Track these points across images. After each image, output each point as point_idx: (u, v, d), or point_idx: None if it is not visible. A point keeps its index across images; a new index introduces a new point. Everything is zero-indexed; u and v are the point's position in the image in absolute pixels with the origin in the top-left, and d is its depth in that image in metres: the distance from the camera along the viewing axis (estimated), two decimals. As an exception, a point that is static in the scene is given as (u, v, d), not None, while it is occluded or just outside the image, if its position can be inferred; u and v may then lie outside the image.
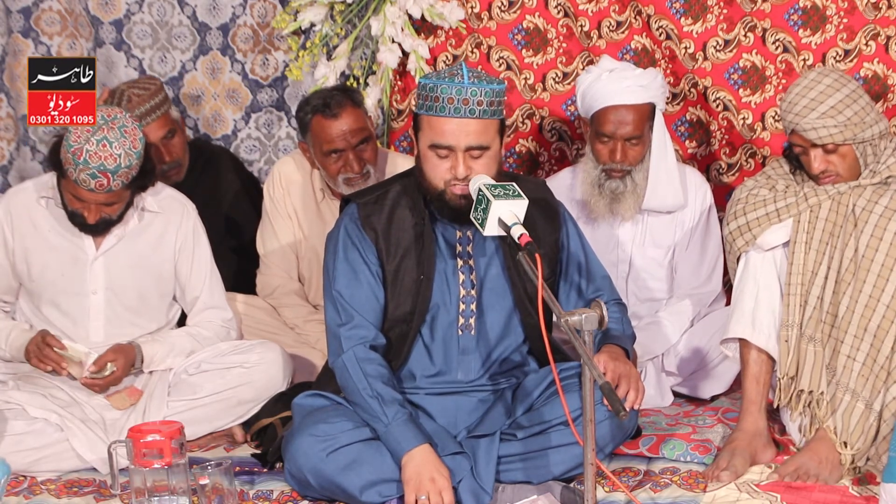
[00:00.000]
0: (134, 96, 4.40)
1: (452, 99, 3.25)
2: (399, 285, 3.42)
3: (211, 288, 4.00)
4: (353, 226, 3.45)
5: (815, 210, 3.52)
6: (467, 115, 3.25)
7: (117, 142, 3.62)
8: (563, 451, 3.33)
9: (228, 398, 3.84)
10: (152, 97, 4.45)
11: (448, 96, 3.25)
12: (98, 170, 3.61)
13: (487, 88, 3.26)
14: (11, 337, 3.84)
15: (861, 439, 3.39)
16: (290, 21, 4.74)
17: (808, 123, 3.46)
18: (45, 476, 3.64)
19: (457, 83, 3.25)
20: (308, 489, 3.35)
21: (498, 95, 3.29)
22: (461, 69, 3.28)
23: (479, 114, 3.26)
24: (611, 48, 4.62)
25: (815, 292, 3.50)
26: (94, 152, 3.60)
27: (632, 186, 4.14)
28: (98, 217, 3.74)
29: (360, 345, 3.37)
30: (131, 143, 3.64)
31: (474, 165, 3.28)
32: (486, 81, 3.28)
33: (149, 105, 4.43)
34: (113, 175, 3.63)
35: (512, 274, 3.45)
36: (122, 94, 4.43)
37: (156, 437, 3.24)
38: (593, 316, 2.91)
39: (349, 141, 4.17)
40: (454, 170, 3.28)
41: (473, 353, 3.48)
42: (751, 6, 4.49)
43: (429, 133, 3.30)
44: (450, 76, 3.27)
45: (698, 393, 4.19)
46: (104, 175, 3.62)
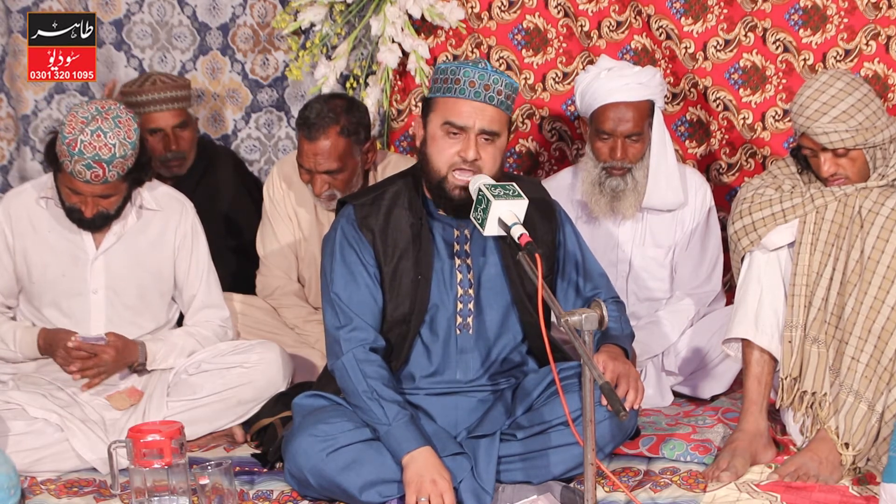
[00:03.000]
0: (160, 81, 4.54)
1: (474, 83, 3.30)
2: (397, 286, 3.42)
3: (208, 286, 4.00)
4: (349, 227, 3.45)
5: (821, 211, 3.51)
6: (486, 101, 3.30)
7: (111, 132, 3.63)
8: (562, 451, 3.32)
9: (228, 398, 3.84)
10: (177, 89, 4.56)
11: (470, 79, 3.30)
12: (93, 160, 3.61)
13: (507, 81, 3.35)
14: (18, 336, 3.84)
15: (862, 441, 3.39)
16: (290, 21, 4.75)
17: (820, 127, 3.46)
18: (45, 476, 3.64)
19: (480, 69, 3.32)
20: (308, 489, 3.35)
21: (514, 91, 3.37)
22: (484, 61, 3.37)
23: (497, 102, 3.31)
24: (611, 48, 4.62)
25: (820, 293, 3.49)
26: (89, 142, 3.61)
27: (632, 184, 4.14)
28: (95, 211, 3.74)
29: (360, 347, 3.37)
30: (125, 133, 3.65)
31: (483, 152, 3.30)
32: (506, 75, 3.36)
33: (170, 94, 4.53)
34: (108, 165, 3.63)
35: (510, 273, 3.45)
36: (150, 77, 4.56)
37: (156, 437, 3.24)
38: (593, 316, 2.91)
39: (316, 166, 4.13)
40: (464, 152, 3.30)
41: (472, 353, 3.48)
42: (751, 6, 4.49)
43: (443, 112, 3.32)
44: (473, 63, 3.35)
45: (698, 393, 4.19)
46: (99, 165, 3.62)
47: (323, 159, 4.12)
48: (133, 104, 4.43)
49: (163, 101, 4.50)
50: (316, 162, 4.13)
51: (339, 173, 4.15)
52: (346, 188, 4.17)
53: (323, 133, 4.11)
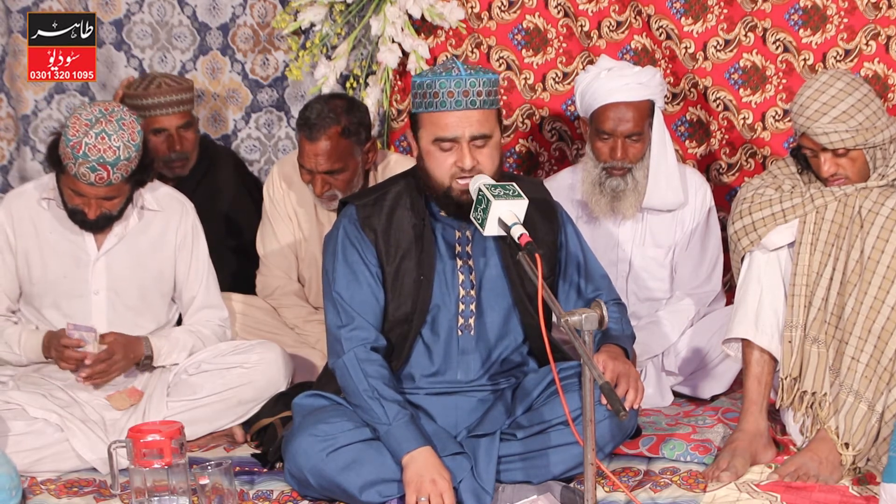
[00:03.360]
0: (164, 84, 4.52)
1: (452, 92, 3.26)
2: (399, 286, 3.42)
3: (208, 287, 4.00)
4: (352, 227, 3.44)
5: (821, 211, 3.51)
6: (469, 107, 3.27)
7: (116, 134, 3.62)
8: (562, 450, 3.32)
9: (228, 398, 3.84)
10: (181, 92, 4.55)
11: (448, 90, 3.26)
12: (98, 162, 3.61)
13: (484, 78, 3.29)
14: (23, 340, 3.84)
15: (862, 441, 3.39)
16: (290, 21, 4.75)
17: (820, 128, 3.46)
18: (45, 476, 3.64)
19: (454, 76, 3.27)
20: (308, 489, 3.35)
21: (494, 85, 3.32)
22: (455, 63, 3.31)
23: (480, 104, 3.28)
24: (611, 48, 4.62)
25: (820, 293, 3.49)
26: (93, 145, 3.60)
27: (633, 184, 4.14)
28: (98, 212, 3.74)
29: (361, 346, 3.37)
30: (130, 136, 3.65)
31: (479, 156, 3.29)
32: (481, 72, 3.31)
33: (175, 97, 4.52)
34: (112, 168, 3.63)
35: (511, 274, 3.45)
36: (154, 79, 4.55)
37: (156, 437, 3.24)
38: (593, 316, 2.91)
39: (317, 166, 4.14)
40: (460, 162, 3.28)
41: (473, 353, 3.47)
42: (751, 6, 4.49)
43: (431, 129, 3.30)
44: (445, 70, 3.29)
45: (698, 393, 4.19)
46: (104, 168, 3.62)
47: (324, 160, 4.12)
48: (137, 107, 4.40)
49: (168, 105, 4.50)
50: (317, 162, 4.13)
51: (339, 174, 4.15)
52: (347, 188, 4.17)
53: (324, 133, 4.11)
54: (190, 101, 4.59)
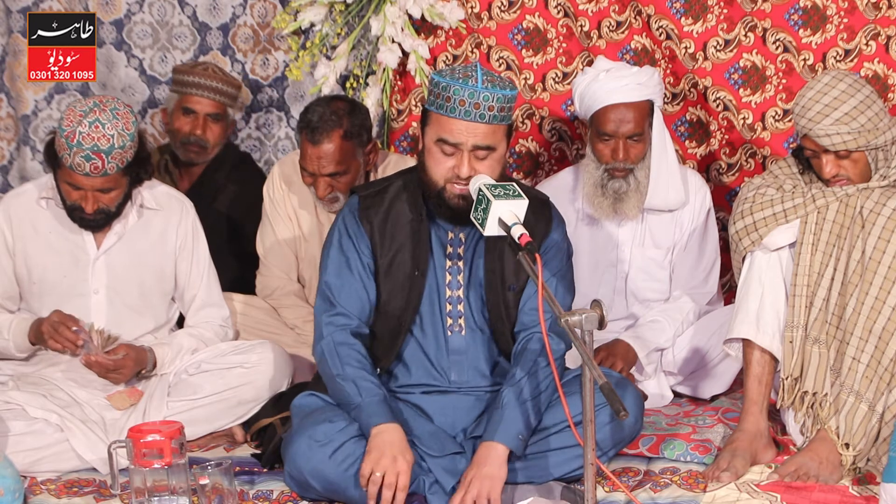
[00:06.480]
0: (212, 70, 4.65)
1: (464, 101, 3.23)
2: (391, 280, 3.42)
3: (209, 286, 4.01)
4: (350, 217, 3.45)
5: (822, 211, 3.51)
6: (477, 120, 3.24)
7: (109, 123, 3.64)
8: (563, 452, 3.32)
9: (228, 398, 3.84)
10: (224, 83, 4.65)
11: (460, 98, 3.23)
12: (92, 151, 3.62)
13: (500, 94, 3.24)
14: (14, 324, 3.83)
15: (863, 441, 3.39)
16: (290, 21, 4.74)
17: (822, 130, 3.45)
18: (45, 476, 3.64)
19: (470, 86, 3.23)
20: (308, 491, 3.35)
21: (509, 101, 3.28)
22: (476, 71, 3.26)
23: (489, 119, 3.25)
24: (611, 48, 4.61)
25: (822, 294, 3.49)
26: (87, 134, 3.61)
27: (634, 185, 4.14)
28: (96, 206, 3.74)
29: (339, 330, 3.37)
30: (124, 125, 3.66)
31: (478, 166, 3.27)
32: (499, 87, 3.25)
33: (216, 85, 4.62)
34: (107, 156, 3.64)
35: (493, 278, 3.43)
36: (205, 64, 4.69)
37: (156, 437, 3.23)
38: (593, 316, 2.91)
39: (320, 169, 4.14)
40: (458, 168, 3.28)
41: (464, 354, 3.47)
42: (751, 6, 4.49)
43: (437, 129, 3.29)
44: (464, 77, 3.25)
45: (698, 393, 4.19)
46: (98, 156, 3.63)
47: (326, 162, 4.13)
48: (179, 82, 4.59)
49: (206, 88, 4.58)
50: (319, 165, 4.13)
51: (342, 176, 4.15)
52: (349, 190, 4.17)
53: (326, 136, 4.11)
54: (229, 95, 4.65)
